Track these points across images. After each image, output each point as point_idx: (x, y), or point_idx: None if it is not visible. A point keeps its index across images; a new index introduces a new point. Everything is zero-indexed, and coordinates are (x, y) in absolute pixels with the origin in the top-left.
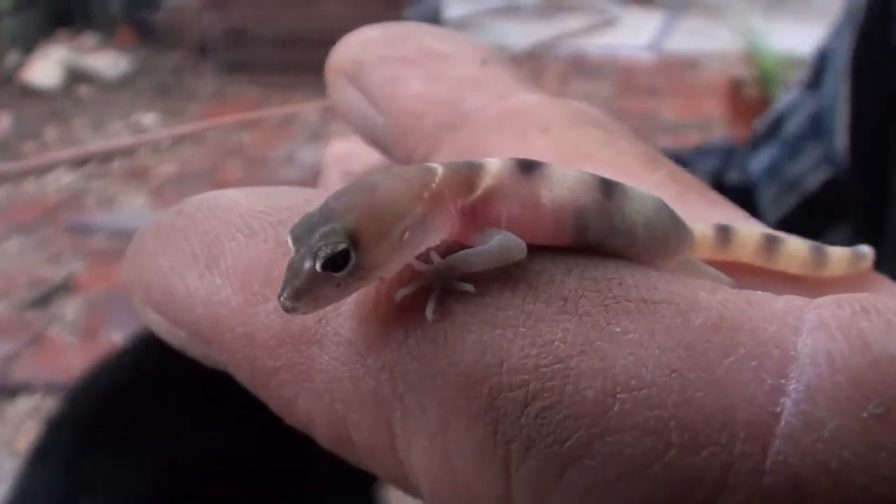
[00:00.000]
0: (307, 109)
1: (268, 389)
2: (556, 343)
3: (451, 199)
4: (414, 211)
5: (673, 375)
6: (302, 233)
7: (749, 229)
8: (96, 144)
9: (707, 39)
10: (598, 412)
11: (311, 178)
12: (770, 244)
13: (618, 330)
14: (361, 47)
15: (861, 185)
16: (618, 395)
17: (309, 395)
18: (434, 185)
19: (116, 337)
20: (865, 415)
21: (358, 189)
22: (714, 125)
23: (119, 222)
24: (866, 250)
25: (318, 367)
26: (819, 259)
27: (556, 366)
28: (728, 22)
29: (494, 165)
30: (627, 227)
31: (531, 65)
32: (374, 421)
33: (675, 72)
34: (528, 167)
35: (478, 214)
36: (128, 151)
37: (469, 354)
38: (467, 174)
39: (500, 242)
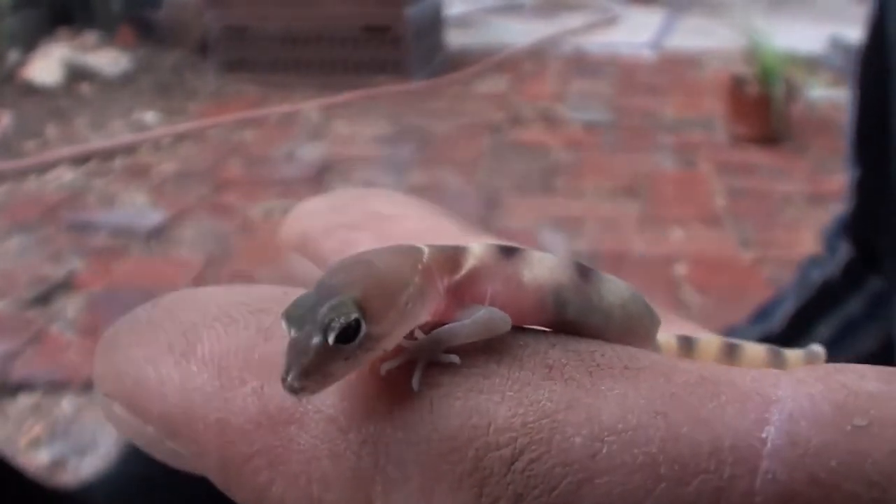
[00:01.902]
0: (308, 107)
1: (240, 479)
2: (542, 402)
3: (438, 277)
4: (413, 280)
5: (658, 416)
6: (302, 312)
7: (709, 338)
8: (97, 142)
9: (708, 37)
10: (586, 457)
11: (312, 176)
12: (730, 351)
13: (603, 388)
14: (308, 219)
15: (865, 176)
16: (605, 439)
17: (283, 479)
18: (424, 261)
19: None
20: (849, 427)
21: (352, 265)
22: (715, 123)
23: (120, 220)
24: (818, 350)
25: (295, 448)
26: (776, 361)
27: (544, 420)
28: (729, 20)
29: (477, 248)
30: (605, 307)
31: (532, 63)
32: (352, 499)
33: (677, 70)
34: (508, 251)
35: (462, 293)
36: (129, 149)
37: (455, 419)
38: (451, 255)
39: (484, 315)
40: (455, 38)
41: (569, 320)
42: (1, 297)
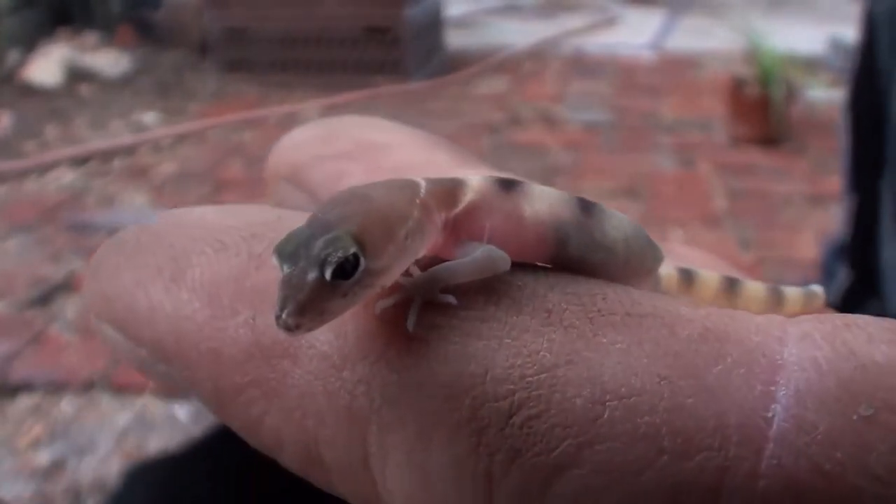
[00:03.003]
0: (307, 108)
1: (233, 408)
2: (541, 353)
3: (436, 211)
4: (413, 214)
5: (662, 382)
6: (295, 248)
7: (709, 273)
8: (97, 143)
9: (708, 38)
10: (587, 420)
11: None
12: (730, 286)
13: (604, 340)
14: (296, 150)
15: (863, 202)
16: (607, 403)
17: (278, 412)
18: (421, 195)
19: None
20: (855, 417)
21: (349, 199)
22: (715, 124)
23: (119, 221)
24: (818, 290)
25: (289, 382)
26: (776, 299)
27: (543, 375)
28: (729, 21)
29: (475, 181)
30: (608, 243)
31: (532, 63)
32: (348, 437)
33: (676, 70)
34: (508, 184)
35: (460, 228)
36: (128, 150)
37: (451, 365)
38: (449, 188)
39: (483, 253)
40: (454, 39)
41: (570, 256)
42: (0, 297)
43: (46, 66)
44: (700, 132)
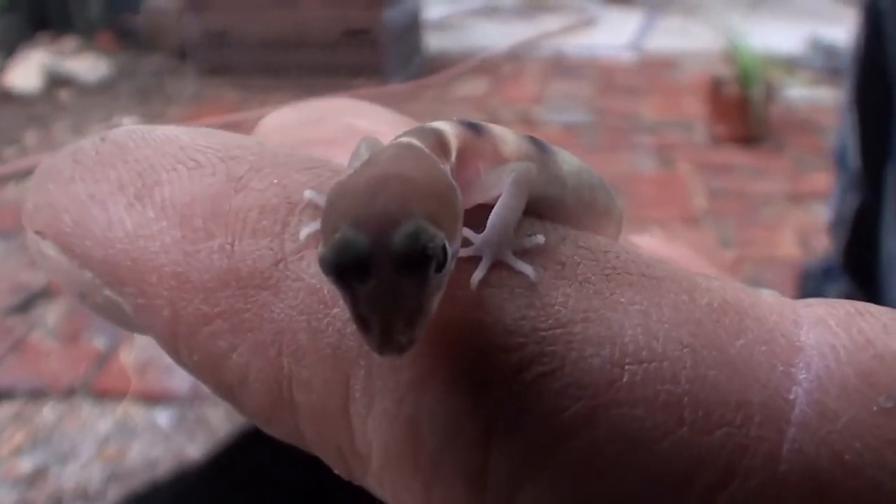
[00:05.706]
0: None
1: (193, 341)
2: (556, 307)
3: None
4: (452, 182)
5: (685, 350)
6: (361, 254)
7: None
8: None
9: (687, 38)
10: (604, 382)
11: None
12: None
13: (623, 300)
14: (281, 132)
15: (868, 201)
16: (627, 367)
17: (249, 348)
18: (434, 155)
19: (97, 342)
20: (875, 408)
21: (381, 181)
22: (694, 124)
23: None
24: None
25: (266, 316)
26: None
27: (558, 330)
28: (707, 21)
29: (448, 128)
30: (562, 176)
31: (511, 65)
32: (328, 379)
33: (655, 71)
34: (474, 127)
35: (455, 178)
36: None
37: (457, 311)
38: (435, 141)
39: (514, 176)
40: (434, 41)
41: (534, 194)
42: None
43: (26, 72)
44: (680, 132)
